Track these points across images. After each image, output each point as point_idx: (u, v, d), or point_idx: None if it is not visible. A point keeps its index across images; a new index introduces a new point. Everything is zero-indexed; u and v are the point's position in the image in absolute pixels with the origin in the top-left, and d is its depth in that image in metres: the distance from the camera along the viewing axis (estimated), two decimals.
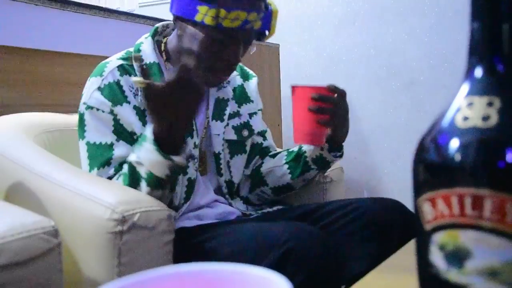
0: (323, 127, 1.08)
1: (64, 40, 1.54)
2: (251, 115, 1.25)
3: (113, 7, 2.46)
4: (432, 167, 0.38)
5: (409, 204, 0.44)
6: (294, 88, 1.09)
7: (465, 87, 0.38)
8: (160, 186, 0.95)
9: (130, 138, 1.05)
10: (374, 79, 2.61)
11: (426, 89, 2.50)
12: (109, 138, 1.04)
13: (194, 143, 1.11)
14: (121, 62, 1.08)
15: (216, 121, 1.17)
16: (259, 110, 1.30)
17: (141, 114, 1.05)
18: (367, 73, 2.62)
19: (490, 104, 0.36)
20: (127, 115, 1.04)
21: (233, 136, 1.20)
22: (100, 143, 1.04)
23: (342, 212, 1.08)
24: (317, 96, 1.05)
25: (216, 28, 1.00)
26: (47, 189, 0.94)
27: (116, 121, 1.04)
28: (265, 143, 1.29)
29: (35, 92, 1.45)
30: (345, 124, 1.12)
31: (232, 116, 1.20)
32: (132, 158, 0.96)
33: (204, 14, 0.99)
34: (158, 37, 1.16)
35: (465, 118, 0.36)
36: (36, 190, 0.96)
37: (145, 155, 0.93)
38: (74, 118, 1.35)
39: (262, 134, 1.29)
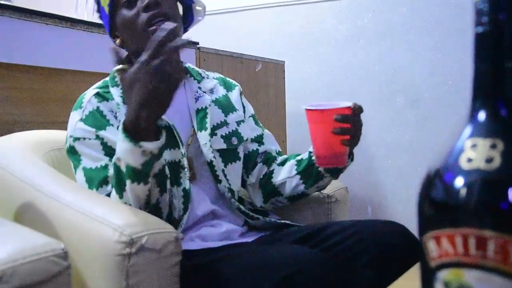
0: (345, 147, 1.05)
1: (73, 58, 1.56)
2: (238, 123, 1.26)
3: None
4: (437, 206, 0.39)
5: (414, 222, 0.44)
6: (312, 111, 1.01)
7: (469, 129, 0.39)
8: (141, 179, 0.92)
9: None
10: (378, 96, 2.62)
11: (431, 107, 2.51)
12: (103, 161, 1.06)
13: (181, 153, 1.12)
14: (97, 90, 1.14)
15: (201, 131, 1.18)
16: (249, 116, 1.32)
17: None
18: (372, 90, 2.63)
19: (493, 146, 0.37)
20: (113, 137, 1.06)
21: (223, 145, 1.20)
22: (96, 167, 1.06)
23: (345, 235, 1.08)
24: (341, 118, 1.01)
25: None
26: (56, 209, 0.95)
27: (104, 144, 1.07)
28: (261, 148, 1.30)
29: (44, 109, 1.47)
30: (360, 137, 1.10)
31: (220, 126, 1.21)
32: (114, 157, 0.95)
33: None
34: None
35: (469, 160, 0.37)
36: (44, 210, 0.97)
37: (119, 147, 0.91)
38: None
39: (257, 139, 1.30)
